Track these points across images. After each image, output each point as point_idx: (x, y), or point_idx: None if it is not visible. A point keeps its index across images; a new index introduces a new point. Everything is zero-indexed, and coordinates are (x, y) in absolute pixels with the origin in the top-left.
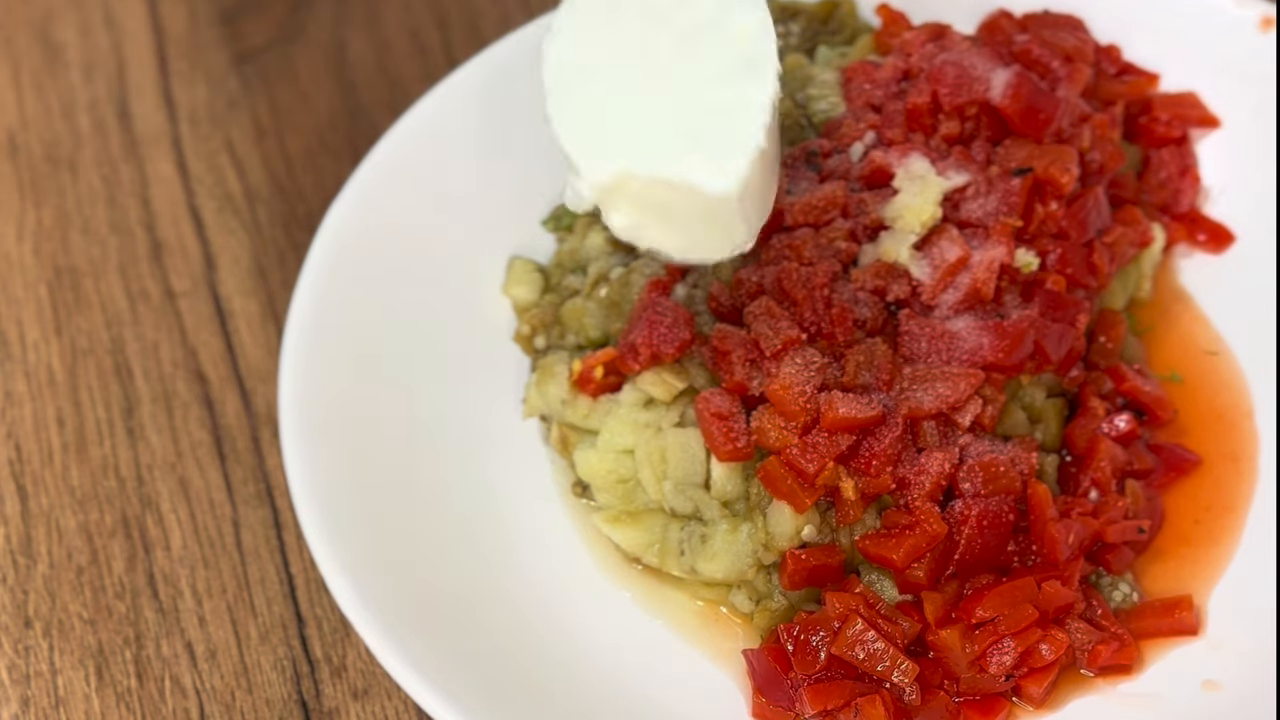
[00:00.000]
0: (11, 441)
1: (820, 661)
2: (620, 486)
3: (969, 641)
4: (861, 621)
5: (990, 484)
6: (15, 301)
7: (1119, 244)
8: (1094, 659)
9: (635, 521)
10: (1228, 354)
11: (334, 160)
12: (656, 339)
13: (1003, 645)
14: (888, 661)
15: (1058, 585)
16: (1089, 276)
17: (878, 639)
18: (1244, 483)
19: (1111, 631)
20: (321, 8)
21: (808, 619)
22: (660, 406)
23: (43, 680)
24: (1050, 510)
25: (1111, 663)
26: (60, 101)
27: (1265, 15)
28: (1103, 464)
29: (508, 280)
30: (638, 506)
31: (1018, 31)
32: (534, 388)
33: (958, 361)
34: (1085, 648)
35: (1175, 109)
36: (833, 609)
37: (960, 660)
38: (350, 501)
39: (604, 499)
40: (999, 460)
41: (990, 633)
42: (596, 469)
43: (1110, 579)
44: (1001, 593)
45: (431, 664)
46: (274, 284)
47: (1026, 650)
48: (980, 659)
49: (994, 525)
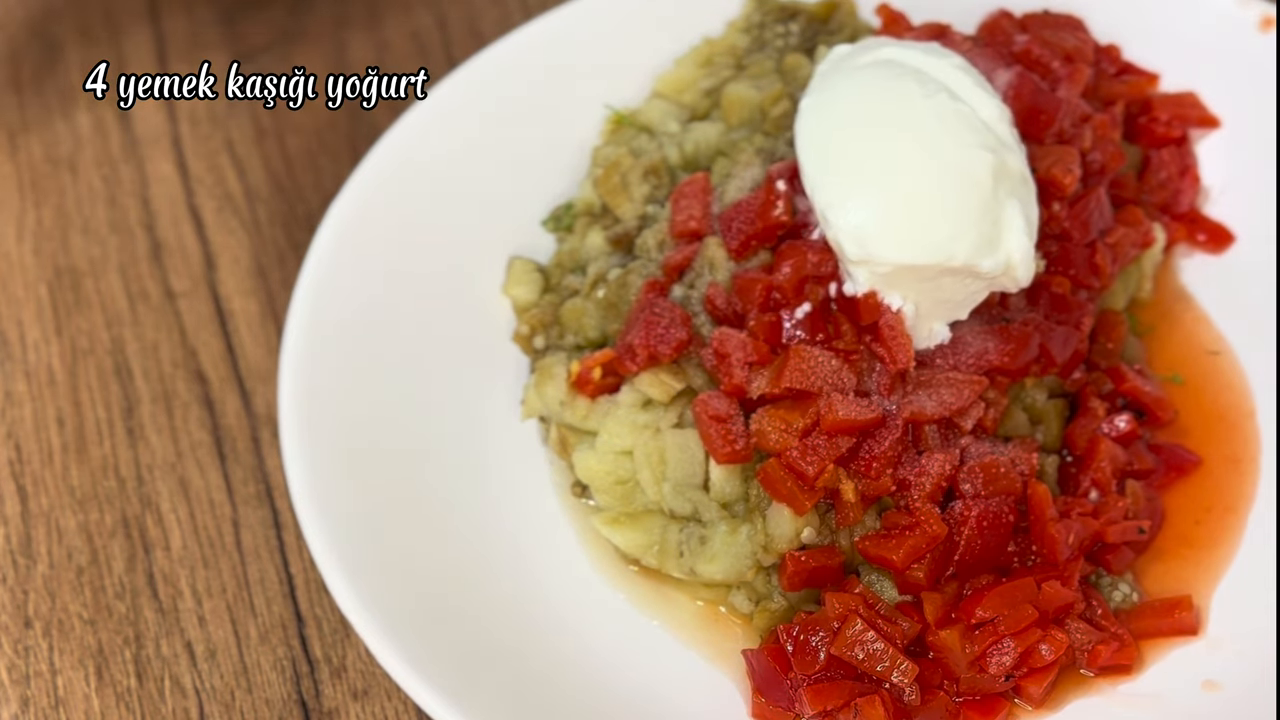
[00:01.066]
0: (11, 441)
1: (820, 662)
2: (619, 488)
3: (969, 642)
4: (861, 622)
5: (990, 485)
6: (15, 301)
7: (1121, 244)
8: (1094, 659)
9: (634, 523)
10: (1229, 354)
11: (334, 160)
12: (653, 340)
13: (1003, 645)
14: (887, 662)
15: (1057, 585)
16: (1092, 277)
17: (877, 639)
18: (1245, 484)
19: (1111, 632)
20: (321, 8)
21: (807, 619)
22: (659, 407)
23: (43, 680)
24: (1050, 510)
25: (1111, 663)
26: (60, 101)
27: (1265, 15)
28: (1103, 464)
29: (507, 280)
30: (636, 508)
31: (1018, 32)
32: (532, 389)
33: (963, 365)
34: (1085, 648)
35: (1175, 109)
36: (832, 609)
37: (960, 660)
38: (350, 501)
39: (603, 500)
40: (999, 461)
41: (990, 633)
42: (595, 470)
43: (1110, 579)
44: (1001, 593)
45: (431, 664)
46: (274, 284)
47: (1026, 650)
48: (980, 659)
49: (994, 526)
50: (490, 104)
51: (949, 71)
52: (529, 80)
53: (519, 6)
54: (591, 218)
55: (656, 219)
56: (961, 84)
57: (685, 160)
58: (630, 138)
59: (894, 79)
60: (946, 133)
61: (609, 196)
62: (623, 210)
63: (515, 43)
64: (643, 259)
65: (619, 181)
